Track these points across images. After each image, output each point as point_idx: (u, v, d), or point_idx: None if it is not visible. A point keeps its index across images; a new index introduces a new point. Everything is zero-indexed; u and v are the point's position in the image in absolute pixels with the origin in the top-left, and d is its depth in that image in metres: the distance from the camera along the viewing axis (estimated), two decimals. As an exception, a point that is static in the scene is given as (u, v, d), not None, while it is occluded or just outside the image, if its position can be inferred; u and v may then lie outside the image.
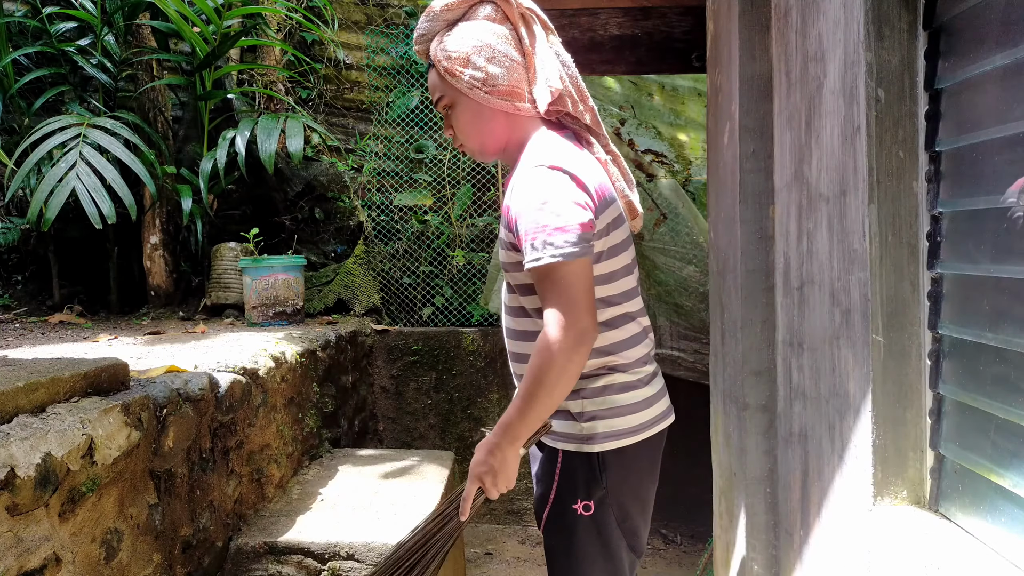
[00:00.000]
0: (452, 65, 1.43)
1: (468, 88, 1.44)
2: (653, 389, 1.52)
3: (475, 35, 1.43)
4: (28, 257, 3.84)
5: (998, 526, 0.90)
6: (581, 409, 1.45)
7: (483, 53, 1.42)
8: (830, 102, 1.17)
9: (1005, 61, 0.89)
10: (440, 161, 4.16)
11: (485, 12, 1.45)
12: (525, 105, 1.45)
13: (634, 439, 1.46)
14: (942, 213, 1.01)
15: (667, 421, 1.54)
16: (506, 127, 1.48)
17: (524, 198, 1.35)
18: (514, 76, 1.43)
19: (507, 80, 1.43)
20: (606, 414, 1.45)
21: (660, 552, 3.41)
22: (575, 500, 1.46)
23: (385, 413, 3.75)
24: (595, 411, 1.45)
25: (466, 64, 1.43)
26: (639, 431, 1.47)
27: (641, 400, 1.48)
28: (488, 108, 1.45)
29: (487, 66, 1.42)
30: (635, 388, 1.47)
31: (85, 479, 1.32)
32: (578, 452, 1.45)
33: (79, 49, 3.50)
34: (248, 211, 4.04)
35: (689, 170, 3.77)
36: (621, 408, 1.45)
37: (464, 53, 1.42)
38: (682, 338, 3.33)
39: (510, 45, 1.44)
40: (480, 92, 1.43)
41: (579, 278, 1.30)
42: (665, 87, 3.93)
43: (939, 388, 1.02)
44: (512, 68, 1.43)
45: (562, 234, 1.29)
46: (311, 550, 1.96)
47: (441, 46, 1.45)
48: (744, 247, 1.60)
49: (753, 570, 1.60)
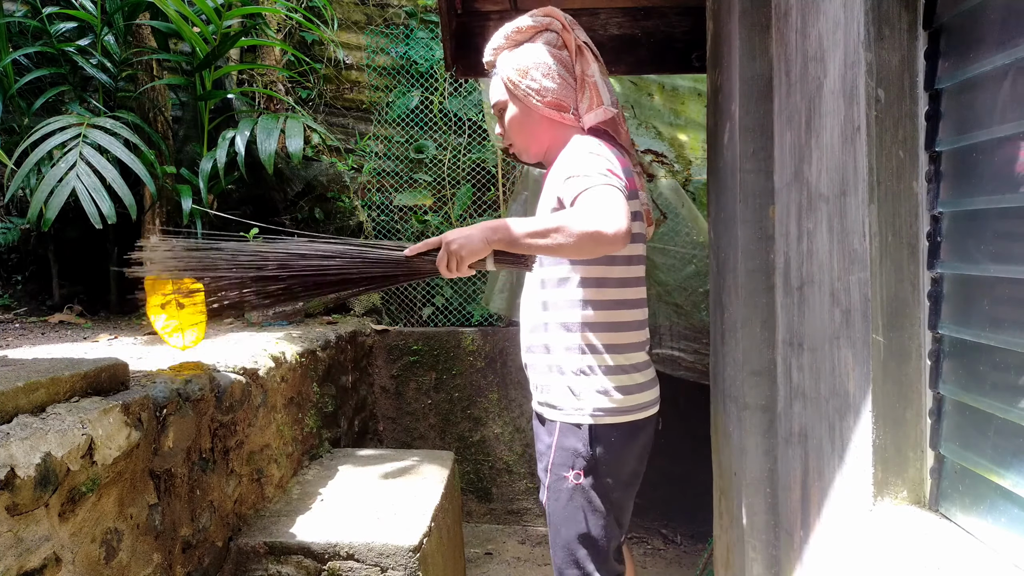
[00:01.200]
0: (514, 75, 1.73)
1: (523, 95, 1.73)
2: (646, 376, 1.72)
3: (536, 55, 1.73)
4: (28, 257, 3.84)
5: (998, 526, 0.90)
6: (579, 384, 1.66)
7: (540, 69, 1.72)
8: (830, 102, 1.17)
9: (1005, 61, 0.89)
10: (440, 161, 4.16)
11: (547, 38, 1.75)
12: (568, 116, 1.72)
13: (625, 418, 1.65)
14: (942, 213, 1.01)
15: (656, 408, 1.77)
16: (549, 132, 1.75)
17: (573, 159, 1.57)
18: (563, 91, 1.72)
19: (556, 94, 1.71)
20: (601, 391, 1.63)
21: (660, 552, 3.40)
22: (568, 469, 1.65)
23: (385, 413, 3.75)
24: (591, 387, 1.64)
25: (525, 75, 1.72)
26: (631, 411, 1.66)
27: (634, 384, 1.68)
28: (536, 114, 1.74)
29: (542, 80, 1.71)
30: (630, 372, 1.68)
31: (85, 479, 1.32)
32: (572, 424, 1.65)
33: (79, 49, 3.50)
34: (248, 211, 4.04)
35: (689, 170, 3.77)
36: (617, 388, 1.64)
37: (525, 67, 1.73)
38: (682, 338, 3.32)
39: (563, 67, 1.73)
40: (532, 100, 1.72)
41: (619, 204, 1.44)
42: (665, 87, 3.93)
43: (939, 388, 1.02)
44: (562, 85, 1.72)
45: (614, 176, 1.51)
46: (311, 550, 1.96)
47: (507, 59, 1.76)
48: (744, 247, 1.60)
49: (753, 570, 1.60)
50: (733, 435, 1.73)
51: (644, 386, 1.70)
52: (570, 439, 1.65)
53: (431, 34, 4.35)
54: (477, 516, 3.69)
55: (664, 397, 3.41)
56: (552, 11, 1.77)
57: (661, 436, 3.53)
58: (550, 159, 1.77)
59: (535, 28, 1.76)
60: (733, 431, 1.73)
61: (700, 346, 3.29)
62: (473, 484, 3.69)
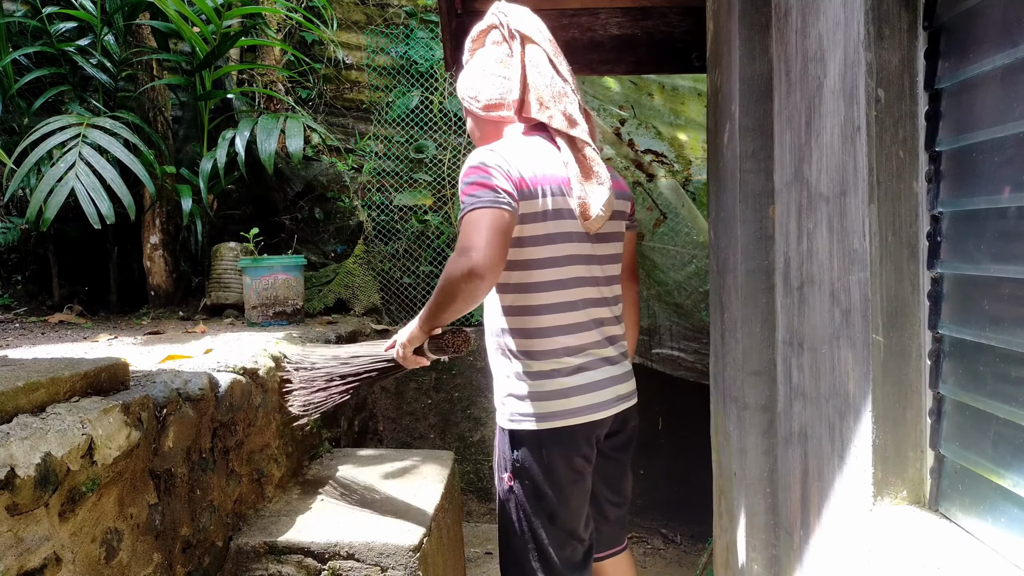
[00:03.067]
0: (460, 89, 1.80)
1: (468, 106, 1.79)
2: (576, 382, 1.61)
3: (477, 60, 1.76)
4: (28, 257, 3.84)
5: (998, 526, 0.90)
6: (503, 389, 1.65)
7: (479, 75, 1.74)
8: (830, 102, 1.17)
9: (1005, 61, 0.89)
10: (440, 161, 4.16)
11: (493, 38, 1.75)
12: (505, 112, 1.72)
13: (545, 425, 1.59)
14: (942, 213, 1.01)
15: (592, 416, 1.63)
16: (495, 133, 1.77)
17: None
18: (499, 88, 1.71)
19: (491, 94, 1.72)
20: (517, 396, 1.62)
21: (660, 552, 3.41)
22: (503, 471, 1.67)
23: (385, 413, 3.75)
24: (511, 392, 1.63)
25: (466, 86, 1.77)
26: (549, 419, 1.60)
27: (555, 390, 1.60)
28: (480, 118, 1.78)
29: (478, 86, 1.74)
30: (551, 377, 1.60)
31: (85, 479, 1.32)
32: (501, 428, 1.67)
33: (79, 49, 3.50)
34: (248, 211, 4.04)
35: (689, 170, 3.77)
36: (531, 393, 1.60)
37: (467, 77, 1.77)
38: (682, 338, 3.32)
39: (501, 64, 1.71)
40: (473, 107, 1.76)
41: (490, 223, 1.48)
42: (665, 87, 3.93)
43: (939, 388, 1.02)
44: (498, 83, 1.71)
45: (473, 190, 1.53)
46: (311, 550, 1.96)
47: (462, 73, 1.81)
48: (744, 247, 1.60)
49: (753, 570, 1.60)
50: (733, 435, 1.73)
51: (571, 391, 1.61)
52: (502, 442, 1.68)
53: (431, 34, 4.35)
54: (477, 516, 3.69)
55: (664, 397, 3.41)
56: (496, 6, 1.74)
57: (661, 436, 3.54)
58: None
59: (483, 32, 1.76)
60: (733, 431, 1.73)
61: (700, 346, 3.29)
62: (473, 484, 3.69)
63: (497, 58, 1.71)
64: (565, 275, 1.61)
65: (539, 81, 1.66)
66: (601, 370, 1.66)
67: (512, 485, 1.65)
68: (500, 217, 1.49)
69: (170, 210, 3.68)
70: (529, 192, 1.56)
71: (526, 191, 1.55)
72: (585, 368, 1.63)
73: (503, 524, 1.70)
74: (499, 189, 1.51)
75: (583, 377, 1.62)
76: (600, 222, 1.62)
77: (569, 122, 1.64)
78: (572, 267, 1.62)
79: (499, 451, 1.69)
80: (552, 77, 1.66)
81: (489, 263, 1.46)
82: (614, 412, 1.68)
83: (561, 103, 1.65)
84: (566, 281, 1.61)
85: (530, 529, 1.64)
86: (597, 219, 1.61)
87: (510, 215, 1.51)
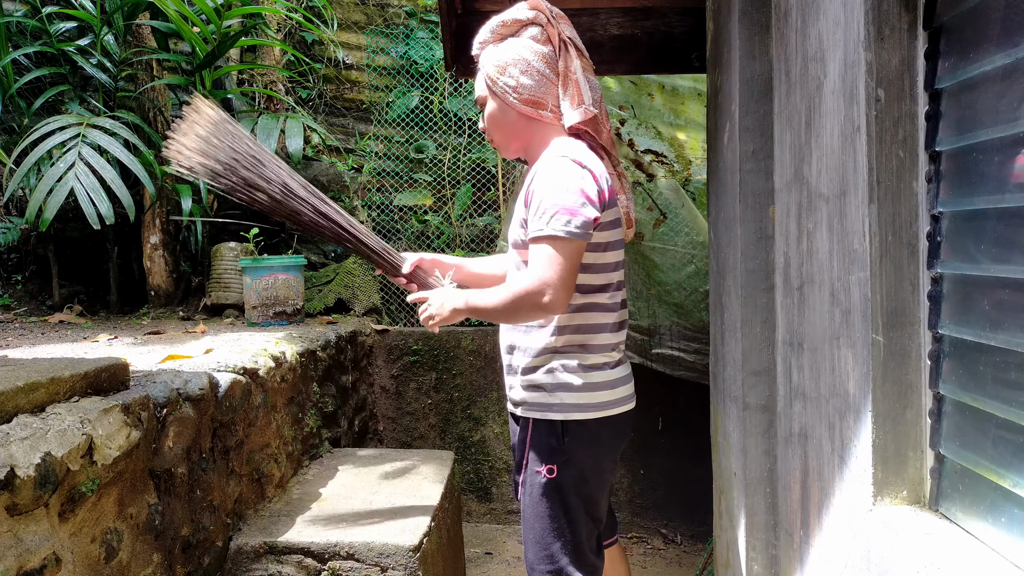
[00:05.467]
0: (492, 71, 1.72)
1: (501, 92, 1.71)
2: (618, 374, 1.72)
3: (517, 50, 1.70)
4: (28, 257, 3.84)
5: (998, 526, 0.90)
6: (551, 380, 1.67)
7: (519, 65, 1.69)
8: (830, 102, 1.17)
9: (1005, 61, 0.89)
10: (440, 161, 4.16)
11: (531, 33, 1.71)
12: (546, 113, 1.71)
13: (596, 414, 1.67)
14: (942, 213, 1.01)
15: (629, 405, 1.75)
16: (527, 129, 1.74)
17: (547, 180, 1.59)
18: (541, 88, 1.69)
19: (533, 91, 1.69)
20: (571, 388, 1.66)
21: (660, 552, 3.41)
22: (540, 464, 1.69)
23: (385, 413, 3.75)
24: (562, 384, 1.67)
25: (503, 72, 1.70)
26: (601, 408, 1.68)
27: (604, 381, 1.69)
28: (514, 111, 1.72)
29: (520, 77, 1.69)
30: (600, 369, 1.69)
31: (85, 479, 1.32)
32: (544, 420, 1.68)
33: (79, 49, 3.50)
34: (248, 211, 4.04)
35: (689, 170, 3.77)
36: (585, 385, 1.66)
37: (504, 63, 1.70)
38: (682, 338, 3.32)
39: (545, 63, 1.70)
40: (509, 97, 1.70)
41: (572, 258, 1.55)
42: (665, 87, 3.93)
43: (939, 388, 1.02)
44: (541, 82, 1.69)
45: (573, 216, 1.53)
46: (311, 550, 1.96)
47: (489, 54, 1.74)
48: (744, 247, 1.60)
49: (753, 570, 1.60)
50: (733, 435, 1.73)
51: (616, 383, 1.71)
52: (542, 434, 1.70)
53: (431, 34, 4.35)
54: (477, 516, 3.69)
55: (664, 397, 3.41)
56: (538, 4, 1.73)
57: (661, 436, 3.54)
58: (531, 156, 1.76)
59: (520, 22, 1.72)
60: (733, 431, 1.73)
61: (700, 346, 3.29)
62: (473, 484, 3.69)
63: (542, 56, 1.69)
64: (615, 278, 1.72)
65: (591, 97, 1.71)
66: (628, 364, 1.80)
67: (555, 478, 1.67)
68: (580, 253, 1.57)
69: (170, 210, 3.69)
70: (608, 203, 1.65)
71: (607, 202, 1.64)
72: (623, 361, 1.76)
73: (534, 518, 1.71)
74: (591, 220, 1.56)
75: (623, 369, 1.75)
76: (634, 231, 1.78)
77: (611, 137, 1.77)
78: (620, 271, 1.74)
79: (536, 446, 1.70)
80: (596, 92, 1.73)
81: (562, 305, 1.56)
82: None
83: (608, 122, 1.76)
84: (617, 283, 1.73)
85: (568, 521, 1.68)
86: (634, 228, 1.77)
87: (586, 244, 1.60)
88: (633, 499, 3.60)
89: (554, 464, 1.67)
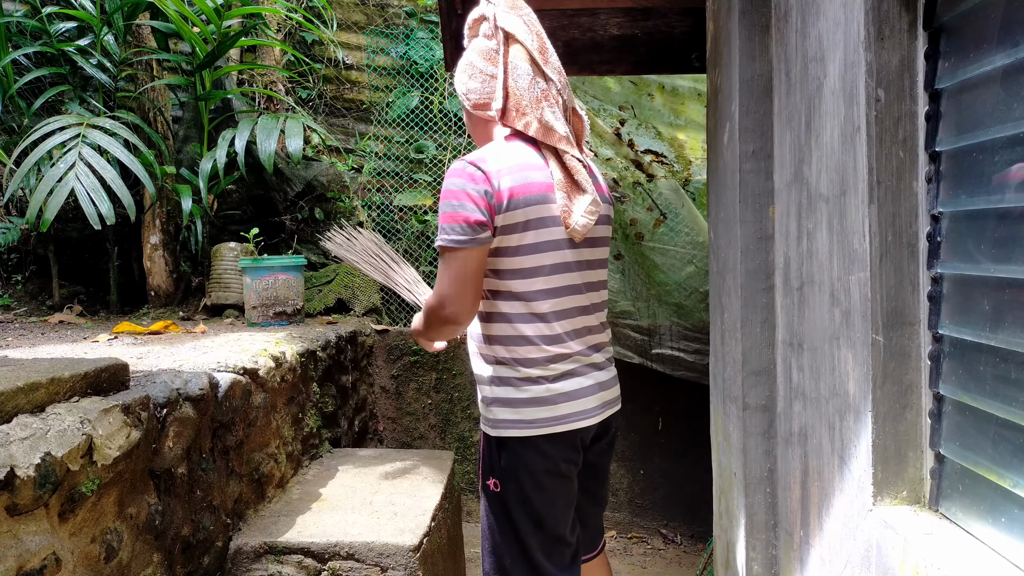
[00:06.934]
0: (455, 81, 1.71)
1: (461, 97, 1.70)
2: (561, 389, 1.58)
3: (467, 54, 1.68)
4: (28, 257, 3.84)
5: (998, 526, 0.90)
6: (488, 394, 1.61)
7: (467, 70, 1.67)
8: (830, 102, 1.17)
9: (1005, 61, 0.89)
10: (440, 161, 4.16)
11: (484, 29, 1.66)
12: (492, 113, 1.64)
13: (532, 431, 1.57)
14: (942, 213, 1.01)
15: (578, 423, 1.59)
16: (485, 130, 1.71)
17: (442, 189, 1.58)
18: (487, 89, 1.63)
19: (480, 93, 1.64)
20: (504, 403, 1.58)
21: (660, 552, 3.41)
22: (488, 477, 1.65)
23: (385, 413, 3.75)
24: (495, 398, 1.60)
25: (459, 78, 1.69)
26: (538, 426, 1.57)
27: (539, 397, 1.57)
28: (473, 115, 1.70)
29: (468, 82, 1.66)
30: (536, 383, 1.57)
31: (85, 479, 1.32)
32: (486, 434, 1.64)
33: (79, 49, 3.50)
34: (248, 211, 4.04)
35: (689, 170, 3.77)
36: (519, 400, 1.57)
37: (460, 68, 1.68)
38: (682, 338, 3.32)
39: (488, 60, 1.63)
40: (466, 102, 1.68)
41: (463, 265, 1.50)
42: (665, 87, 3.93)
43: (939, 388, 1.02)
44: (486, 82, 1.63)
45: (453, 223, 1.49)
46: (311, 550, 1.97)
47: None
48: (744, 247, 1.60)
49: (753, 570, 1.60)
50: (733, 435, 1.73)
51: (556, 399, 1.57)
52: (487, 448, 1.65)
53: (431, 34, 4.36)
54: (477, 516, 3.69)
55: (664, 397, 3.41)
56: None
57: (661, 436, 3.54)
58: None
59: (476, 21, 1.67)
60: (733, 431, 1.73)
61: (700, 346, 3.29)
62: (473, 484, 3.69)
63: (485, 54, 1.63)
64: (554, 284, 1.57)
65: (518, 85, 1.56)
66: (588, 376, 1.62)
67: (498, 492, 1.61)
68: (471, 259, 1.50)
69: (170, 210, 3.69)
70: (511, 204, 1.50)
71: (509, 203, 1.50)
72: (572, 375, 1.59)
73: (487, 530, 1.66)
74: (472, 223, 1.47)
75: (570, 384, 1.59)
76: (584, 230, 1.56)
77: (545, 129, 1.56)
78: (560, 275, 1.57)
79: (483, 457, 1.66)
80: (532, 80, 1.56)
81: (464, 313, 1.53)
82: (600, 419, 1.64)
83: (538, 109, 1.56)
84: (556, 290, 1.57)
85: (516, 536, 1.60)
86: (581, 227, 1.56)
87: (481, 250, 1.50)
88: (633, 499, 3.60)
89: (496, 479, 1.62)
